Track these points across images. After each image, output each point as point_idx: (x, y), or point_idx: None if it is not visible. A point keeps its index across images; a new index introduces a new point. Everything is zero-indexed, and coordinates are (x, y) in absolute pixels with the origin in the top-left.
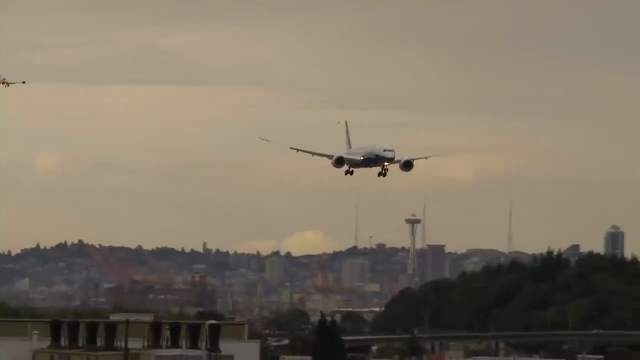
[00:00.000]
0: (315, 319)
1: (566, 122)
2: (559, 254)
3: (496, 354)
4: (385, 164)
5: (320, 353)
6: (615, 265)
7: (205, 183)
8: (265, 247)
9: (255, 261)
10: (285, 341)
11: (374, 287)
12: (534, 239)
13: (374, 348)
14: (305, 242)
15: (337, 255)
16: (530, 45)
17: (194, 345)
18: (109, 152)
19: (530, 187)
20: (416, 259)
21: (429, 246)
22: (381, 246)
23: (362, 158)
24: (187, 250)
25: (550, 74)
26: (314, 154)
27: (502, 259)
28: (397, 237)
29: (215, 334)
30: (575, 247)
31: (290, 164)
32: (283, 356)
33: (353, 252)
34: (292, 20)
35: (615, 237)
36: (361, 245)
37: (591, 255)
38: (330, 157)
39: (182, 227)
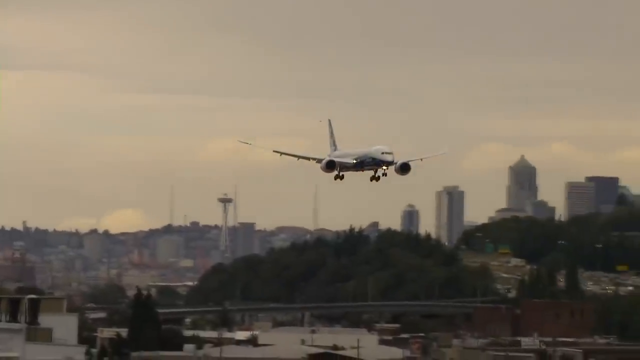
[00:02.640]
0: (131, 293)
1: (366, 106)
2: (360, 231)
3: (302, 325)
4: (384, 167)
5: (135, 325)
6: (410, 241)
7: (26, 163)
8: (84, 225)
9: (75, 239)
10: (103, 314)
11: (188, 262)
12: (338, 217)
13: (187, 320)
14: (124, 220)
15: (153, 232)
16: (339, 38)
17: (13, 319)
18: None
19: None
20: (228, 236)
21: (240, 224)
22: (195, 224)
23: (354, 161)
24: (7, 228)
25: (350, 61)
26: (299, 157)
27: (308, 235)
28: (210, 216)
29: (34, 308)
30: (375, 225)
31: (110, 147)
32: (100, 329)
33: (168, 229)
34: (114, 6)
35: (410, 215)
36: (176, 223)
37: (389, 231)
38: (318, 160)
39: (2, 205)
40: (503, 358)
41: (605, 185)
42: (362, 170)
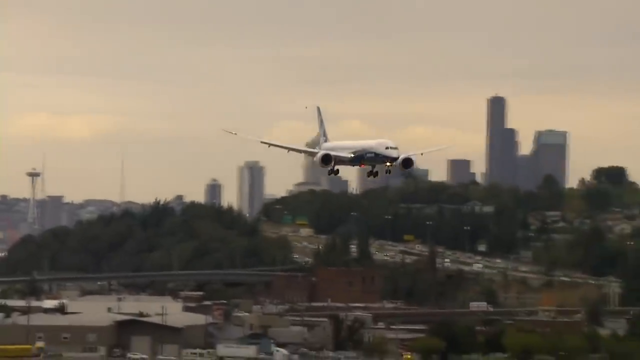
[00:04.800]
0: None
1: (174, 85)
2: (165, 204)
3: (109, 293)
4: (388, 164)
5: None
6: (214, 213)
7: None
8: None
9: None
10: None
11: None
12: (144, 190)
13: None
14: None
15: None
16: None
17: None
18: None
19: (140, 143)
20: (36, 209)
21: (49, 197)
22: (4, 197)
23: (352, 156)
24: None
25: (163, 44)
26: (289, 149)
27: (115, 208)
28: (19, 189)
29: None
30: (180, 198)
31: None
32: None
33: None
34: None
35: (214, 189)
36: None
37: (193, 204)
38: (312, 154)
39: None
40: (299, 323)
41: None
42: (360, 166)
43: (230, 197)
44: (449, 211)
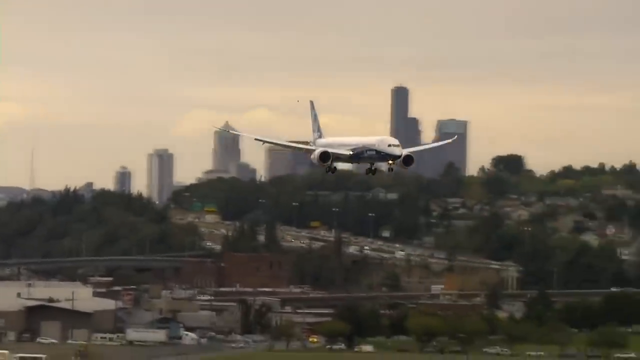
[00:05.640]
0: None
1: (84, 74)
2: (75, 191)
3: (18, 279)
4: (390, 162)
5: None
6: (123, 200)
7: None
8: None
9: None
10: None
11: None
12: (54, 177)
13: None
14: None
15: None
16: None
17: None
18: None
19: (49, 131)
20: None
21: None
22: None
23: (351, 153)
24: None
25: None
26: (285, 146)
27: (25, 195)
28: None
29: None
30: (90, 185)
31: None
32: None
33: None
34: None
35: (123, 176)
36: None
37: (103, 191)
38: (307, 150)
39: None
40: (208, 307)
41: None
42: (358, 163)
43: (139, 185)
44: (354, 198)
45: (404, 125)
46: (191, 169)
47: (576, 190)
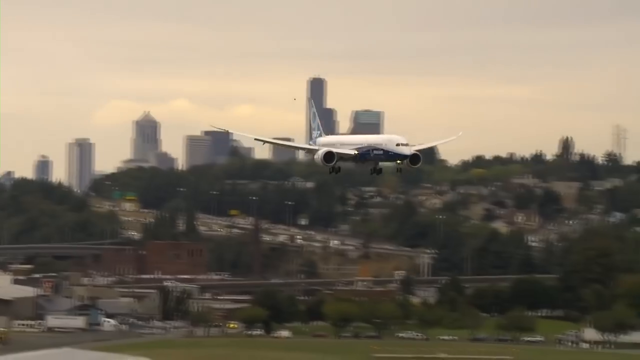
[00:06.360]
0: None
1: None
2: None
3: None
4: (398, 162)
5: None
6: (43, 188)
7: None
8: None
9: None
10: None
11: None
12: None
13: None
14: None
15: None
16: None
17: None
18: None
19: None
20: None
21: None
22: None
23: (356, 152)
24: None
25: None
26: (286, 146)
27: None
28: None
29: None
30: (10, 173)
31: None
32: None
33: None
34: None
35: (44, 165)
36: None
37: (23, 180)
38: (309, 150)
39: None
40: (128, 294)
41: (220, 139)
42: (363, 163)
43: (59, 174)
44: (272, 187)
45: (320, 115)
46: (111, 158)
47: (487, 179)
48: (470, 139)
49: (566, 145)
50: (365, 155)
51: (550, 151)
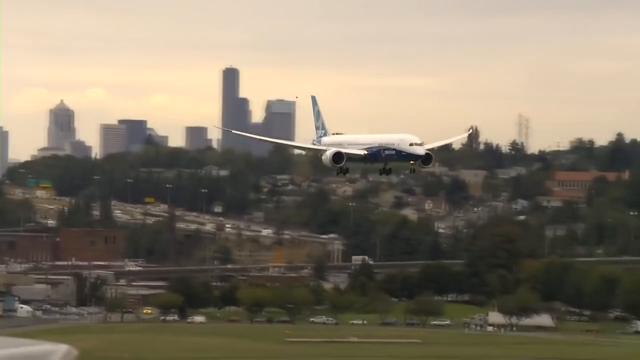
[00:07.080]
0: None
1: None
2: None
3: None
4: (412, 162)
5: None
6: None
7: None
8: None
9: None
10: None
11: None
12: None
13: None
14: None
15: None
16: None
17: None
18: None
19: None
20: None
21: None
22: None
23: (366, 153)
24: None
25: None
26: (294, 147)
27: None
28: None
29: None
30: None
31: None
32: None
33: None
34: None
35: None
36: None
37: None
38: (317, 151)
39: None
40: (44, 281)
41: (135, 127)
42: (373, 163)
43: None
44: (187, 175)
45: (234, 104)
46: (26, 146)
47: (396, 167)
48: (379, 129)
49: (473, 134)
50: (376, 155)
51: (458, 140)
